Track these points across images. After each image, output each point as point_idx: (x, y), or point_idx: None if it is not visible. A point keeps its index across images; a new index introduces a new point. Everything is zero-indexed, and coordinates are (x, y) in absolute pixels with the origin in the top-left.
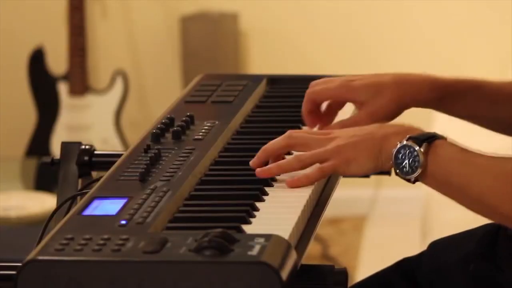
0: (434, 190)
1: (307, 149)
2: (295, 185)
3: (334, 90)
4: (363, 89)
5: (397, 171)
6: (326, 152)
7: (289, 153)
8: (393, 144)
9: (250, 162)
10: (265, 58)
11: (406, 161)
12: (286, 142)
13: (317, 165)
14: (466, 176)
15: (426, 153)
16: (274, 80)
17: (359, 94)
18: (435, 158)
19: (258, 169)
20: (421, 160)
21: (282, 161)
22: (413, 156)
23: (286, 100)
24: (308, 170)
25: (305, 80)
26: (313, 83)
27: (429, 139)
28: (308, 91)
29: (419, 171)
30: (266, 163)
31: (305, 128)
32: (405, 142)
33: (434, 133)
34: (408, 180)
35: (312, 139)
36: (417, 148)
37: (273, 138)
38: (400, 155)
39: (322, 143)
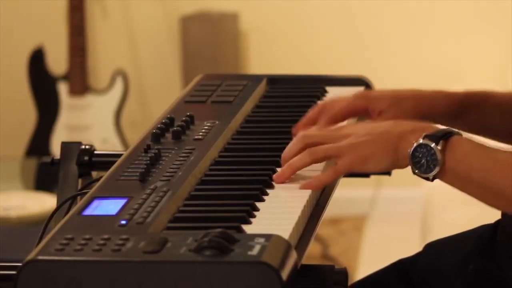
0: (434, 191)
1: (332, 157)
2: (307, 188)
3: (353, 99)
4: (382, 98)
5: (415, 170)
6: (340, 148)
7: None
8: (410, 143)
9: (275, 177)
10: (265, 58)
11: (424, 159)
12: (303, 143)
13: (330, 167)
14: (486, 171)
15: (443, 150)
16: (274, 80)
17: (378, 103)
18: (453, 155)
19: (274, 176)
20: (439, 158)
21: (293, 159)
22: (430, 154)
23: (286, 100)
24: (320, 172)
25: (305, 80)
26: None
27: (446, 136)
28: (324, 101)
29: (437, 169)
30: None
31: (313, 128)
32: (421, 141)
33: (450, 129)
34: (427, 179)
35: (327, 136)
36: (434, 146)
37: (273, 138)
38: (417, 153)
39: (336, 140)
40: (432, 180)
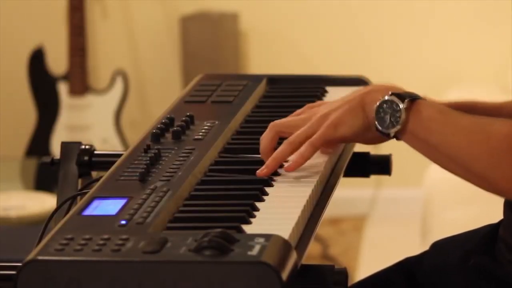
0: (434, 191)
1: (295, 129)
2: (292, 168)
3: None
4: None
5: (378, 125)
6: (311, 125)
7: None
8: (376, 99)
9: (260, 172)
10: (265, 58)
11: (388, 116)
12: (273, 131)
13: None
14: (444, 134)
15: (408, 109)
16: (274, 80)
17: None
18: (416, 116)
19: (257, 172)
20: (402, 116)
21: (275, 152)
22: (394, 111)
23: (286, 100)
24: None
25: (305, 80)
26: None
27: (412, 97)
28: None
29: (399, 127)
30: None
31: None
32: (387, 97)
33: (416, 93)
34: (387, 135)
35: (296, 119)
36: (399, 103)
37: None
38: (382, 110)
39: (306, 120)
40: (392, 137)
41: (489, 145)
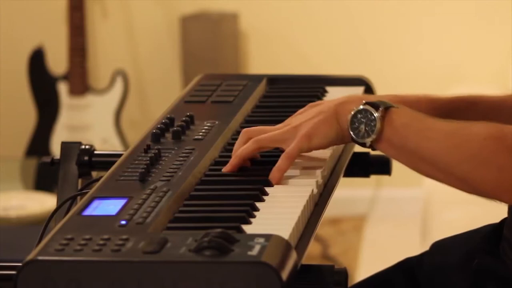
0: (434, 191)
1: (278, 144)
2: (275, 182)
3: None
4: None
5: (353, 135)
6: (284, 133)
7: None
8: (350, 109)
9: (224, 170)
10: (265, 58)
11: (362, 125)
12: (246, 137)
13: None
14: (421, 139)
15: (382, 118)
16: (274, 80)
17: None
18: (391, 123)
19: (223, 170)
20: (377, 125)
21: (240, 148)
22: (369, 120)
23: (286, 100)
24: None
25: (305, 80)
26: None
27: (386, 106)
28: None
29: (374, 136)
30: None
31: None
32: (361, 107)
33: (389, 102)
34: (363, 145)
35: (269, 128)
36: (374, 112)
37: None
38: (357, 120)
39: (278, 129)
40: (368, 147)
41: (469, 148)
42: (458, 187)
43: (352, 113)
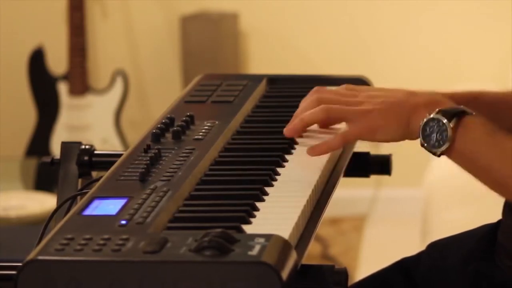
0: (434, 191)
1: (339, 102)
2: (316, 153)
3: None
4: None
5: (424, 144)
6: (354, 112)
7: None
8: (422, 116)
9: (285, 130)
10: (265, 58)
11: (434, 134)
12: (325, 115)
13: (339, 132)
14: (491, 158)
15: (455, 128)
16: (274, 80)
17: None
18: (463, 135)
19: (285, 130)
20: (449, 135)
21: (306, 113)
22: (441, 130)
23: (286, 100)
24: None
25: (305, 80)
26: (322, 92)
27: (459, 114)
28: (315, 97)
29: (446, 145)
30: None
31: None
32: (434, 115)
33: (464, 108)
34: (434, 154)
35: (342, 100)
36: (446, 122)
37: (273, 138)
38: (429, 127)
39: (351, 104)
40: (439, 156)
41: None
42: None
43: (425, 120)
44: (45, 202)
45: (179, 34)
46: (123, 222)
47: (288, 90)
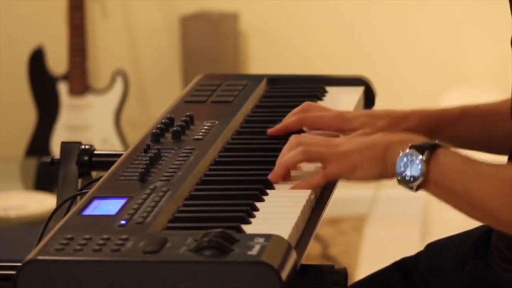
0: None
1: (322, 162)
2: (297, 189)
3: (329, 119)
4: (358, 118)
5: (399, 179)
6: (332, 153)
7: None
8: (396, 152)
9: (269, 177)
10: (265, 58)
11: (408, 169)
12: (304, 157)
13: (320, 170)
14: (467, 183)
15: (428, 161)
16: (274, 80)
17: (353, 122)
18: (437, 166)
19: (269, 177)
20: (422, 169)
21: (285, 157)
22: (414, 164)
23: (286, 100)
24: (311, 173)
25: (305, 80)
26: (306, 105)
27: (431, 148)
28: (301, 115)
29: (420, 179)
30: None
31: (304, 134)
32: (407, 151)
33: (437, 142)
34: (410, 188)
35: (320, 143)
36: (419, 156)
37: (273, 138)
38: (402, 163)
39: (329, 147)
40: (416, 191)
41: None
42: (507, 230)
43: (399, 156)
44: (45, 202)
45: (179, 34)
46: (123, 222)
47: (288, 90)
